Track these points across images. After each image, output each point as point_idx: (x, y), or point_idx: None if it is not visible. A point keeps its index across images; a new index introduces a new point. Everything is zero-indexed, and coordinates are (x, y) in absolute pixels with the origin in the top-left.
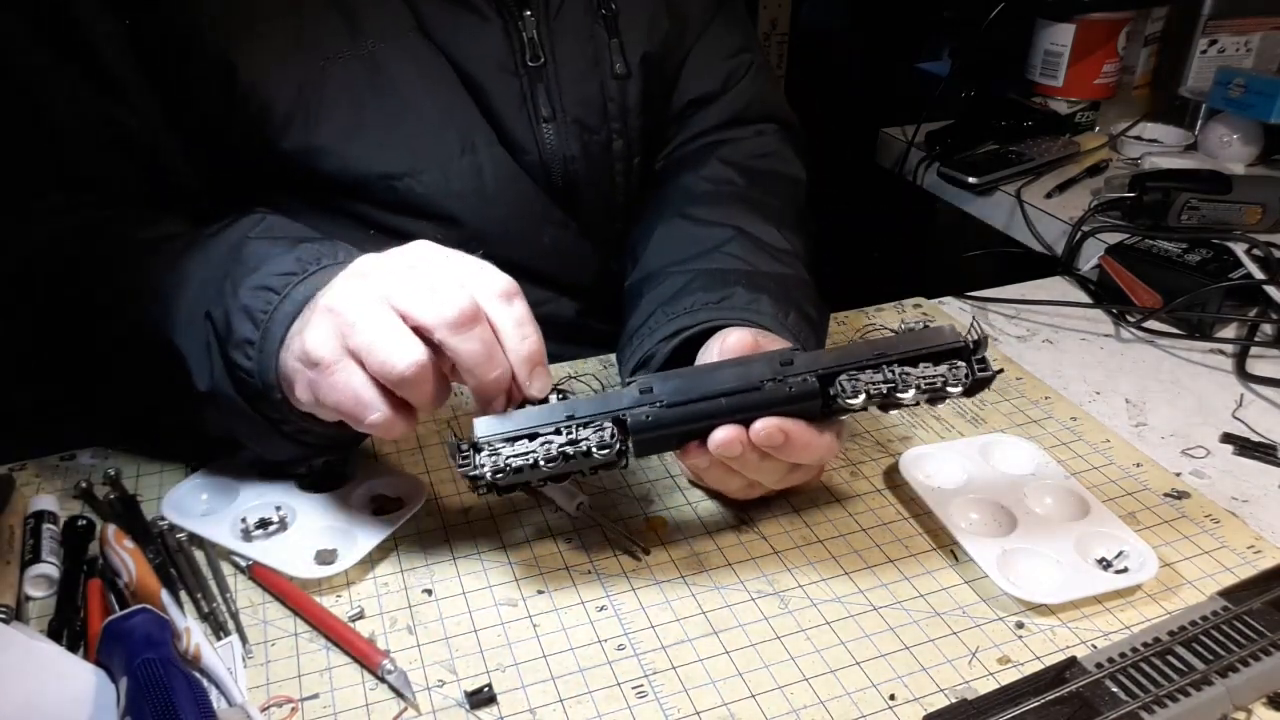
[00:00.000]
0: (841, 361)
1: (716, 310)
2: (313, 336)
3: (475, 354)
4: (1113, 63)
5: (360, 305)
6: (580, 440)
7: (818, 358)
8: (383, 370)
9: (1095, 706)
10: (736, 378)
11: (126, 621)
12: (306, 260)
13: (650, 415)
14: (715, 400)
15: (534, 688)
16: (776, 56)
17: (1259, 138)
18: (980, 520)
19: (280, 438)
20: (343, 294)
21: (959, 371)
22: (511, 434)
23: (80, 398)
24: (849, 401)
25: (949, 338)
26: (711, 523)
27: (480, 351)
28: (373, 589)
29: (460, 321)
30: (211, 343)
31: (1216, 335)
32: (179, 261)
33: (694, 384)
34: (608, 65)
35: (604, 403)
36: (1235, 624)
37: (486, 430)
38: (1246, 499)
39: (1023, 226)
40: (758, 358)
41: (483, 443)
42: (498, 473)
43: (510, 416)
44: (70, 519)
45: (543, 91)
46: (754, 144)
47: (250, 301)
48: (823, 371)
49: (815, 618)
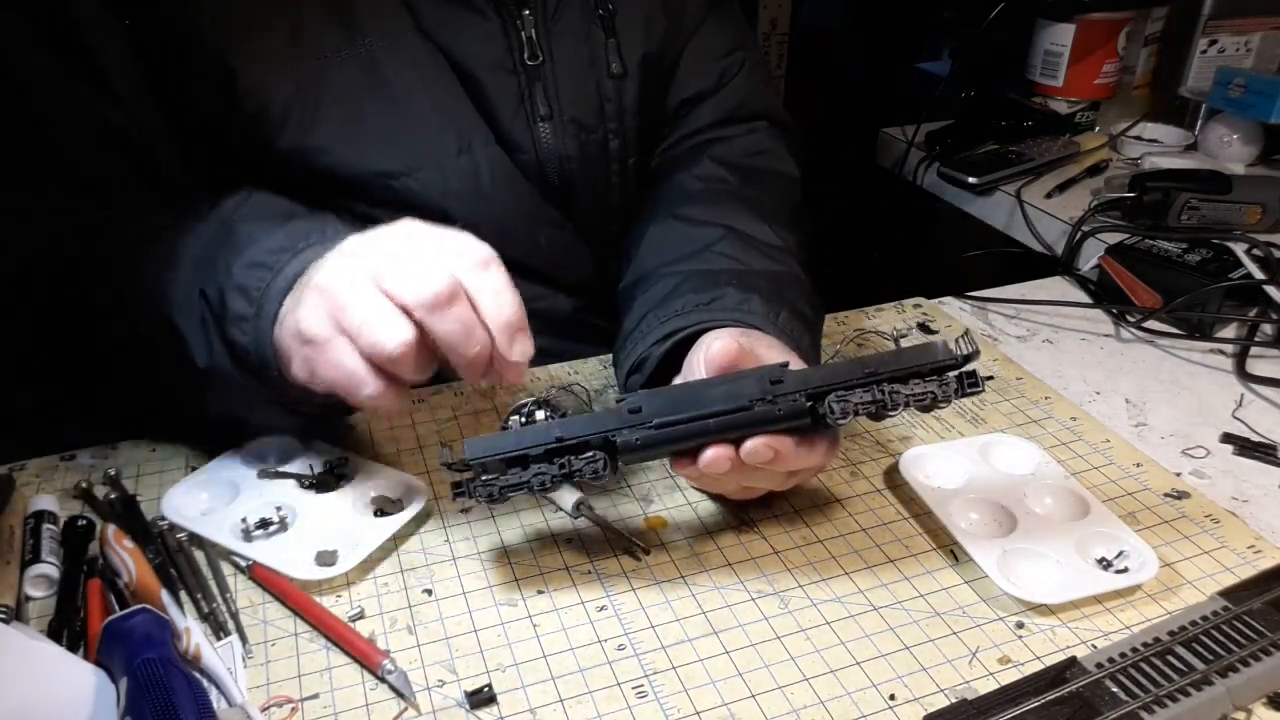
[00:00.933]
0: (831, 380)
1: (707, 312)
2: (306, 316)
3: (454, 333)
4: (1113, 63)
5: (351, 286)
6: (574, 471)
7: (807, 376)
8: (373, 350)
9: (1095, 706)
10: (725, 397)
11: (126, 621)
12: (297, 237)
13: (639, 438)
14: (704, 421)
15: (534, 688)
16: (776, 56)
17: (1259, 138)
18: (980, 520)
19: (278, 409)
20: (334, 273)
21: (948, 388)
22: (501, 455)
23: (81, 397)
24: (838, 421)
25: (940, 355)
26: (711, 523)
27: (459, 331)
28: (373, 589)
29: (438, 303)
30: (208, 319)
31: (1216, 335)
32: (174, 243)
33: (683, 403)
34: (604, 65)
35: (592, 423)
36: (1235, 624)
37: (476, 452)
38: (1246, 499)
39: (1023, 226)
40: (748, 374)
41: (475, 465)
42: (491, 501)
43: (499, 436)
44: (70, 519)
45: (540, 90)
46: (746, 142)
47: (244, 279)
48: (812, 391)
49: (815, 618)
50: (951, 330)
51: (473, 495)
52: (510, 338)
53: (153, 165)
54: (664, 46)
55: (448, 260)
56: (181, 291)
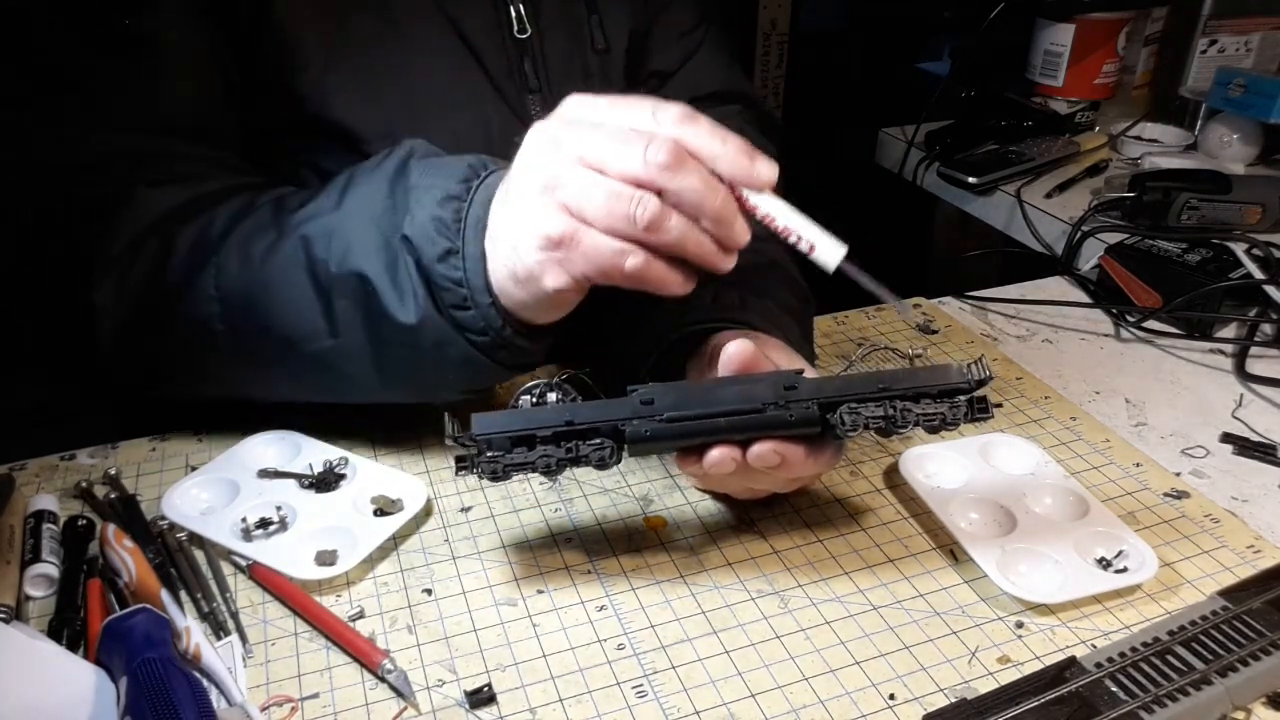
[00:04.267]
0: (845, 392)
1: (684, 314)
2: (541, 220)
3: (694, 188)
4: (1113, 63)
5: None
6: (580, 456)
7: (821, 386)
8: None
9: (1095, 706)
10: (739, 397)
11: (126, 621)
12: (477, 166)
13: (649, 430)
14: (714, 420)
15: (534, 687)
16: (776, 56)
17: (1259, 138)
18: (980, 520)
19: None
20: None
21: (958, 411)
22: (510, 433)
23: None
24: (848, 432)
25: (955, 378)
26: (711, 523)
27: (698, 184)
28: (373, 589)
29: (673, 164)
30: (406, 266)
31: (1216, 335)
32: (335, 200)
33: (695, 400)
34: (588, 40)
35: (604, 410)
36: (1235, 624)
37: (484, 428)
38: (1246, 499)
39: (1023, 226)
40: (763, 378)
41: (481, 440)
42: (495, 478)
43: (509, 415)
44: (70, 519)
45: (529, 64)
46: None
47: (440, 212)
48: (825, 400)
49: (815, 617)
50: (951, 330)
51: (476, 471)
52: (751, 160)
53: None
54: (647, 20)
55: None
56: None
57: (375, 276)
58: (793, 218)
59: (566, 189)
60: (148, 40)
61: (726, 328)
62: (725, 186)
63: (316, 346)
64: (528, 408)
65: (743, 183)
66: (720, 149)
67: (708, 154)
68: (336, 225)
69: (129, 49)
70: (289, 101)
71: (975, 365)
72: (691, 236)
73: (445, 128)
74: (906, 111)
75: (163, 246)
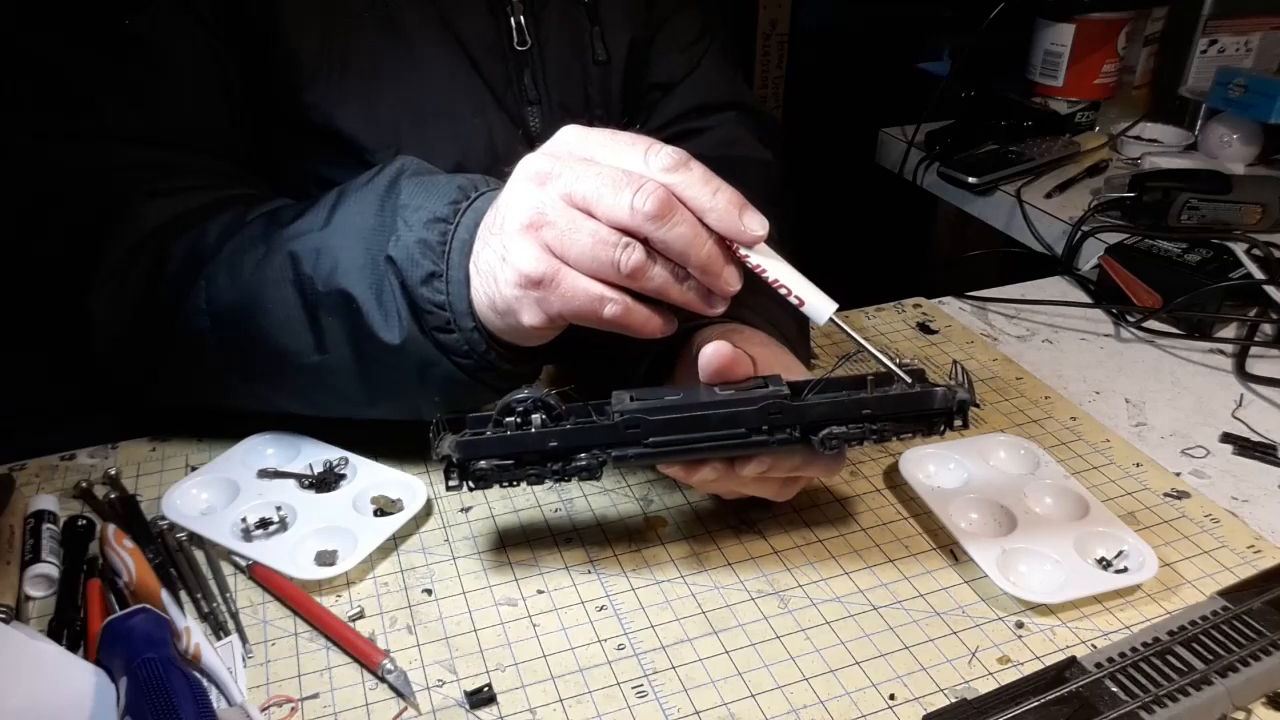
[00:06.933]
0: (828, 417)
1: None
2: (522, 259)
3: (682, 237)
4: (1113, 63)
5: (560, 218)
6: (568, 472)
7: (804, 411)
8: (610, 273)
9: (1095, 706)
10: (723, 422)
11: (126, 621)
12: (467, 188)
13: (634, 453)
14: (700, 445)
15: (534, 687)
16: (776, 56)
17: (1259, 138)
18: (980, 520)
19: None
20: (534, 209)
21: (937, 426)
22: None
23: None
24: (830, 453)
25: (939, 403)
26: (711, 523)
27: (686, 234)
28: (373, 589)
29: (661, 213)
30: (391, 286)
31: (1216, 335)
32: (324, 216)
33: (680, 424)
34: (589, 52)
35: (589, 436)
36: (1235, 624)
37: (467, 454)
38: (1246, 499)
39: (1023, 226)
40: (748, 399)
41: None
42: (486, 486)
43: (492, 441)
44: (70, 519)
45: (529, 76)
46: (717, 135)
47: (426, 235)
48: (808, 424)
49: (815, 617)
50: (951, 330)
51: (466, 482)
52: (740, 212)
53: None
54: (648, 32)
55: (646, 167)
56: (348, 262)
57: (361, 296)
58: (783, 271)
59: (551, 229)
60: (148, 46)
61: (717, 323)
62: (714, 236)
63: (304, 361)
64: (511, 432)
65: (731, 238)
66: (710, 201)
67: (697, 205)
68: (324, 242)
69: (130, 54)
70: (292, 111)
71: (959, 388)
72: (675, 285)
73: (447, 137)
74: (906, 111)
75: (157, 258)
